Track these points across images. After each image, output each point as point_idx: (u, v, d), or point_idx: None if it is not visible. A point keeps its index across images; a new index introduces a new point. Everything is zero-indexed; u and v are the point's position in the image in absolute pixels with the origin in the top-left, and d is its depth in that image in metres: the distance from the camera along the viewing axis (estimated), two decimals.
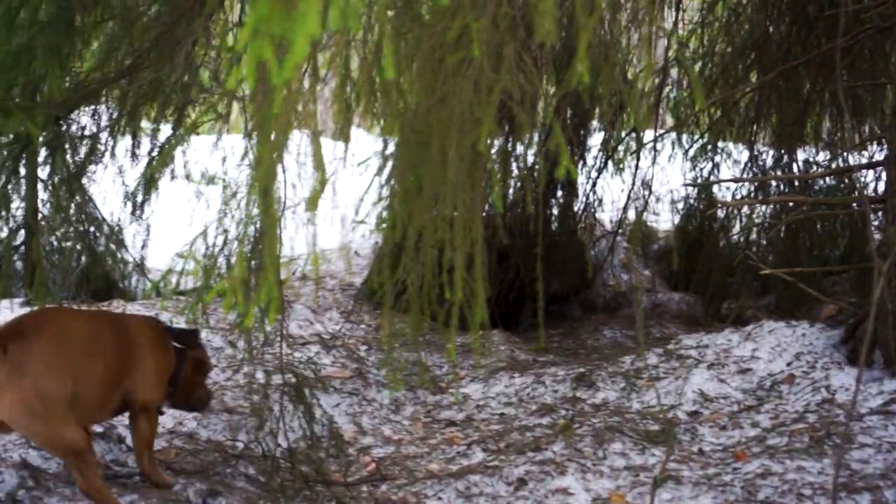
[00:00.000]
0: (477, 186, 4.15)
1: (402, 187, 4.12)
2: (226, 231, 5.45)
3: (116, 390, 4.28)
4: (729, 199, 8.54)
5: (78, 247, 6.89)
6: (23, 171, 5.52)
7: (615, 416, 5.39)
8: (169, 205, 6.49)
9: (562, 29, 5.33)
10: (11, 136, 4.67)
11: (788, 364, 5.60)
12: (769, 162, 8.10)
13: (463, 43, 3.71)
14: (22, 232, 6.65)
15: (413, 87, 3.73)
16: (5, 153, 4.91)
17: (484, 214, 4.42)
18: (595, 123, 8.44)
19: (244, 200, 5.02)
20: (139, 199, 5.94)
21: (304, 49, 2.34)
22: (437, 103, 3.86)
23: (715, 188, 8.95)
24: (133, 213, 5.99)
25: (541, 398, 5.89)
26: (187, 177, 8.12)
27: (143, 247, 6.35)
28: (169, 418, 5.26)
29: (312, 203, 3.98)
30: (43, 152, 5.56)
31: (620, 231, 8.77)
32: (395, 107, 3.79)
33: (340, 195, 5.39)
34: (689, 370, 5.71)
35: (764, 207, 8.16)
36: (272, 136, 3.84)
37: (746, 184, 8.18)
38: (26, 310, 6.51)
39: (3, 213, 5.42)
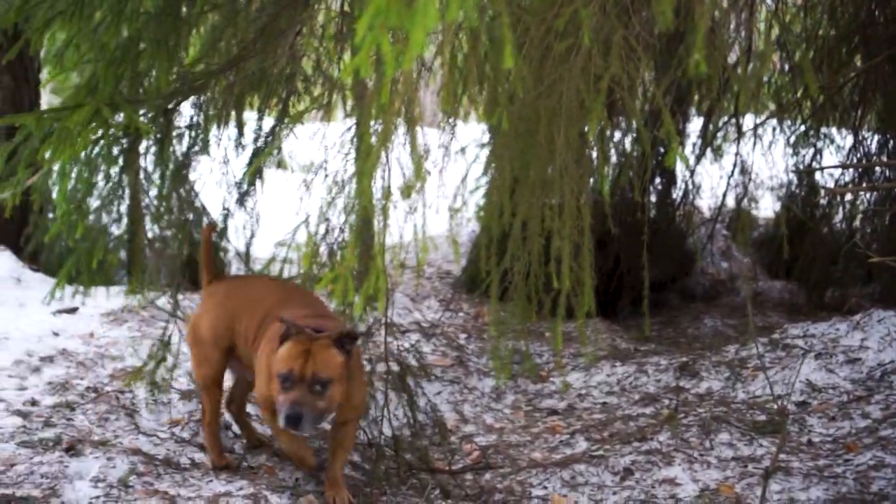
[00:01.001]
0: (584, 174, 4.13)
1: (508, 176, 4.10)
2: (327, 220, 5.48)
3: None
4: (831, 185, 8.38)
5: (179, 236, 6.97)
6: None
7: (721, 406, 5.32)
8: (272, 194, 6.54)
9: None
10: (121, 128, 4.72)
11: None
12: (874, 147, 7.93)
13: (570, 30, 3.69)
14: (125, 221, 6.75)
15: (521, 75, 3.70)
16: (111, 143, 4.97)
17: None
18: (693, 109, 8.32)
19: (347, 189, 5.05)
20: (244, 188, 6.00)
21: (422, 41, 2.33)
22: (545, 91, 3.84)
23: (817, 175, 8.78)
24: (239, 202, 6.04)
25: (643, 387, 5.84)
26: (279, 164, 8.17)
27: (252, 236, 6.41)
28: None
29: (408, 191, 3.99)
30: (147, 143, 5.64)
31: (719, 218, 8.66)
32: (503, 95, 3.77)
33: (442, 183, 5.39)
34: (796, 360, 5.61)
35: (868, 194, 7.98)
36: (380, 125, 3.84)
37: (850, 170, 8.02)
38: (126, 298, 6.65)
39: (115, 204, 5.51)
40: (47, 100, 8.63)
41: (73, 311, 6.40)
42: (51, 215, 7.67)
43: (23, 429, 4.66)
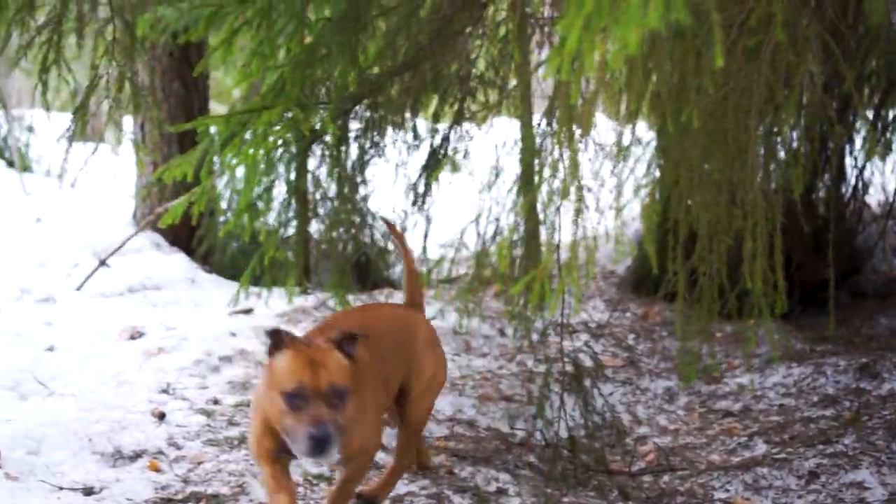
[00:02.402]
0: (770, 172, 4.06)
1: (695, 174, 4.05)
2: (497, 220, 5.50)
3: None
4: None
5: (344, 237, 7.07)
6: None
7: None
8: (443, 194, 6.56)
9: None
10: (307, 128, 4.79)
11: None
12: None
13: (760, 25, 3.62)
14: (294, 223, 6.87)
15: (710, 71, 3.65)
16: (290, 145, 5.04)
17: None
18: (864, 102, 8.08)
19: (515, 190, 5.05)
20: (420, 190, 6.04)
21: (637, 41, 2.31)
22: (732, 88, 3.79)
23: None
24: (414, 203, 6.09)
25: (822, 389, 5.70)
26: (452, 167, 8.21)
27: (426, 237, 6.44)
28: (448, 406, 5.34)
29: (564, 192, 3.96)
30: (319, 146, 5.73)
31: (890, 215, 8.39)
32: (692, 92, 3.73)
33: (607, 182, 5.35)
34: None
35: None
36: (555, 125, 3.83)
37: None
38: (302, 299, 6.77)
39: (288, 206, 5.62)
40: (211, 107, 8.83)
41: (248, 311, 6.53)
42: (221, 219, 7.86)
43: (207, 427, 4.77)
